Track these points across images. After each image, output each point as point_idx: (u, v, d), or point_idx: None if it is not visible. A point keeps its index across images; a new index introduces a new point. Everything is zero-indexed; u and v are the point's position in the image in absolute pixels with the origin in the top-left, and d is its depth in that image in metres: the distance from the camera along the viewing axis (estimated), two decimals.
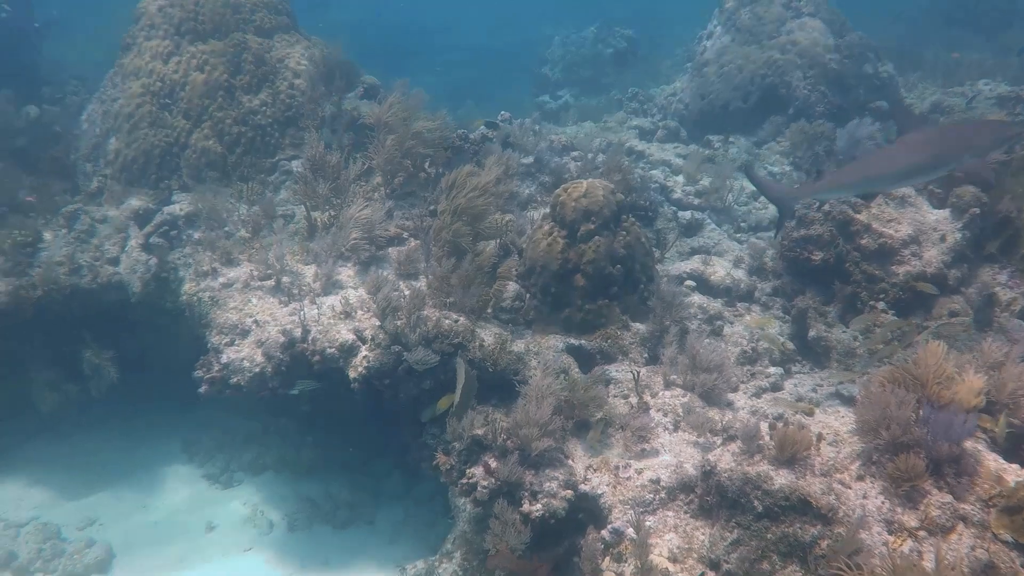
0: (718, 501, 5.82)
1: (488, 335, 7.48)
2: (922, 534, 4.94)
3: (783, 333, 8.64)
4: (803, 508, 5.31)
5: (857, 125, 10.27)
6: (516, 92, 23.70)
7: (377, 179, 9.79)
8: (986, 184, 8.15)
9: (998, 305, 7.71)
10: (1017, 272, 7.90)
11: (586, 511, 6.33)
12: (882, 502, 5.18)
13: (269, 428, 11.08)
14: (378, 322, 7.40)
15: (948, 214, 8.44)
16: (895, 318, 7.84)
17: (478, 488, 6.31)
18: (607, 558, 5.90)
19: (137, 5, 11.78)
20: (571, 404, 6.74)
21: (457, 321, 7.35)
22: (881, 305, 8.07)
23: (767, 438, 5.91)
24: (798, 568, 5.19)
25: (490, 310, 7.96)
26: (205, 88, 11.12)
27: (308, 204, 9.38)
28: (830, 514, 5.21)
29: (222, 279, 8.98)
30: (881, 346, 7.40)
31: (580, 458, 6.56)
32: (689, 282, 9.24)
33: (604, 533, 5.98)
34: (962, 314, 7.79)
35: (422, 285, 8.05)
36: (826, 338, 8.16)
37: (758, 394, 7.47)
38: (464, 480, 6.44)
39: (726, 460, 5.86)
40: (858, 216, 8.36)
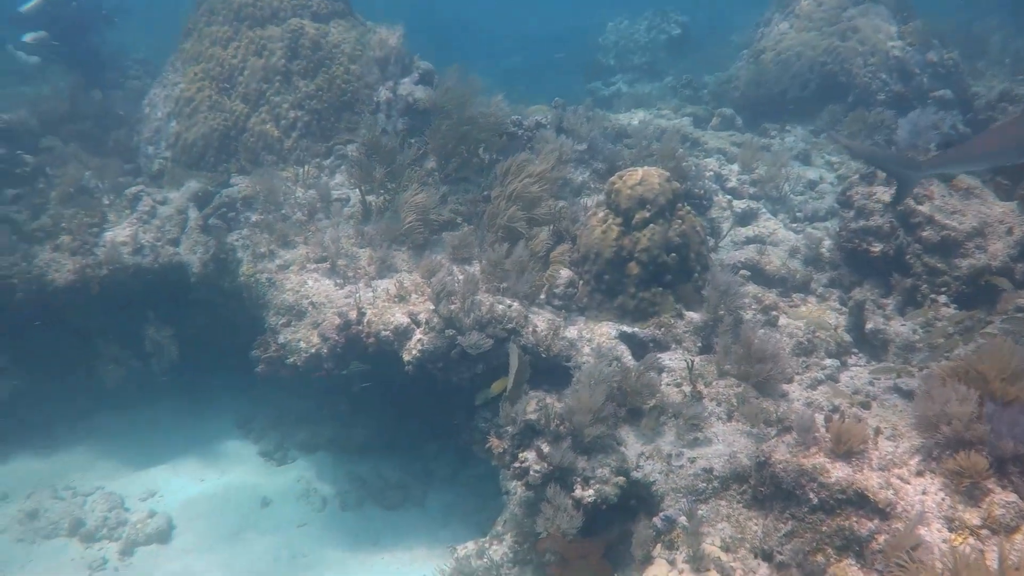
0: (772, 492, 5.78)
1: (541, 321, 7.50)
2: (984, 533, 4.84)
3: (839, 325, 8.50)
4: (860, 502, 5.25)
5: (920, 114, 10.01)
6: (567, 79, 23.58)
7: (431, 164, 9.86)
8: None
9: None
10: None
11: (638, 498, 6.33)
12: (942, 499, 5.09)
13: (322, 408, 11.26)
14: (432, 306, 7.47)
15: (1015, 206, 8.20)
16: (957, 311, 7.66)
17: (530, 472, 6.36)
18: (659, 545, 5.91)
19: None
20: (623, 391, 6.74)
21: (511, 306, 7.39)
22: (943, 299, 7.89)
23: (823, 430, 5.85)
24: (854, 562, 5.14)
25: (543, 296, 7.98)
26: (263, 73, 11.32)
27: (363, 188, 9.49)
28: (888, 509, 5.14)
29: (279, 261, 9.16)
30: (942, 340, 7.24)
31: (632, 445, 6.57)
32: (744, 271, 9.14)
33: (656, 520, 5.98)
34: None
35: (476, 270, 8.11)
36: (884, 331, 8.00)
37: (813, 386, 7.37)
38: (516, 464, 6.49)
39: (781, 451, 5.81)
40: (920, 208, 8.17)
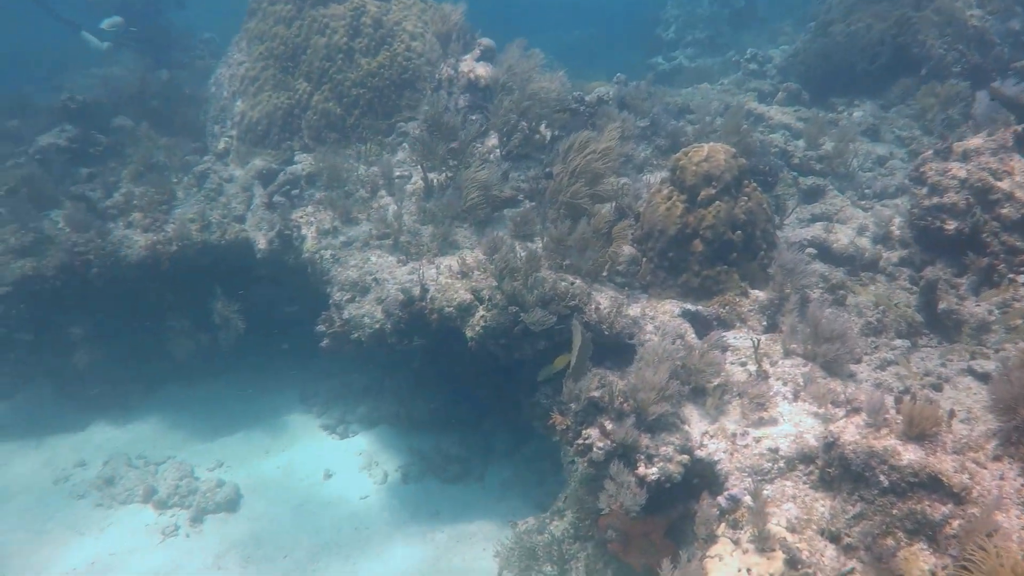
0: (840, 474, 5.68)
1: (604, 298, 7.47)
2: None
3: (910, 305, 8.28)
4: (933, 486, 5.13)
5: (999, 86, 9.62)
6: (626, 53, 23.28)
7: (492, 141, 9.85)
8: None
9: None
10: None
11: (701, 476, 6.29)
12: (1021, 484, 4.95)
13: (383, 382, 11.45)
14: (495, 283, 7.49)
15: None
16: None
17: (593, 449, 6.36)
18: (722, 524, 5.86)
19: None
20: (687, 369, 6.68)
21: (573, 283, 7.37)
22: (1022, 279, 7.61)
23: (893, 412, 5.73)
24: (925, 546, 5.04)
25: (605, 273, 7.94)
26: (326, 51, 11.41)
27: (425, 165, 9.54)
28: (963, 493, 5.02)
29: (342, 237, 9.27)
30: (1020, 321, 7.00)
31: (696, 424, 6.52)
32: (810, 249, 8.95)
33: (720, 499, 5.94)
34: None
35: (538, 247, 8.10)
36: (957, 311, 7.76)
37: (882, 367, 7.21)
38: (580, 441, 6.49)
39: (850, 432, 5.71)
40: (999, 184, 7.88)
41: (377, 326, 8.09)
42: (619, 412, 6.43)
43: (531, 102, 9.55)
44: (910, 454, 5.29)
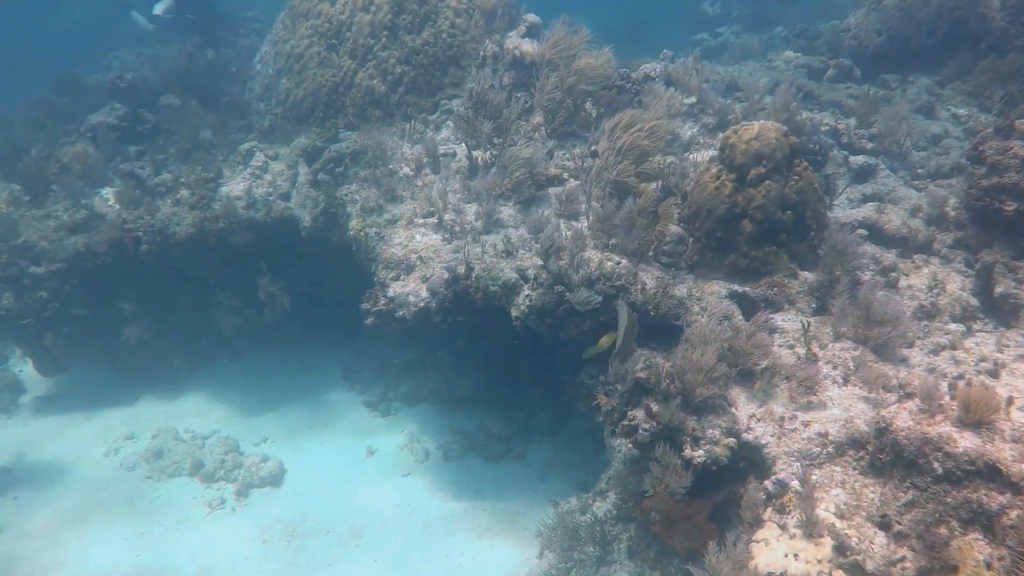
0: (892, 460, 5.57)
1: (649, 278, 7.39)
2: None
3: (965, 288, 8.06)
4: (990, 474, 5.01)
5: None
6: (670, 30, 22.91)
7: (538, 118, 9.76)
8: None
9: None
10: None
11: (748, 460, 6.22)
12: None
13: (425, 361, 11.50)
14: (540, 261, 7.45)
15: None
16: None
17: (639, 431, 6.32)
18: (769, 509, 5.80)
19: None
20: (734, 351, 6.59)
21: (619, 263, 7.30)
22: None
23: (947, 398, 5.59)
24: (981, 536, 4.93)
25: (651, 253, 7.84)
26: (370, 28, 11.38)
27: (469, 143, 9.49)
28: (1022, 483, 4.88)
29: (387, 215, 9.28)
30: None
31: (743, 406, 6.44)
32: (861, 230, 8.74)
33: (767, 484, 5.87)
34: None
35: (583, 226, 8.03)
36: (1016, 295, 7.53)
37: (935, 351, 7.04)
38: (625, 422, 6.46)
39: (903, 418, 5.59)
40: None
41: (422, 304, 8.10)
42: (665, 393, 6.38)
43: (576, 79, 9.44)
44: (966, 441, 5.16)
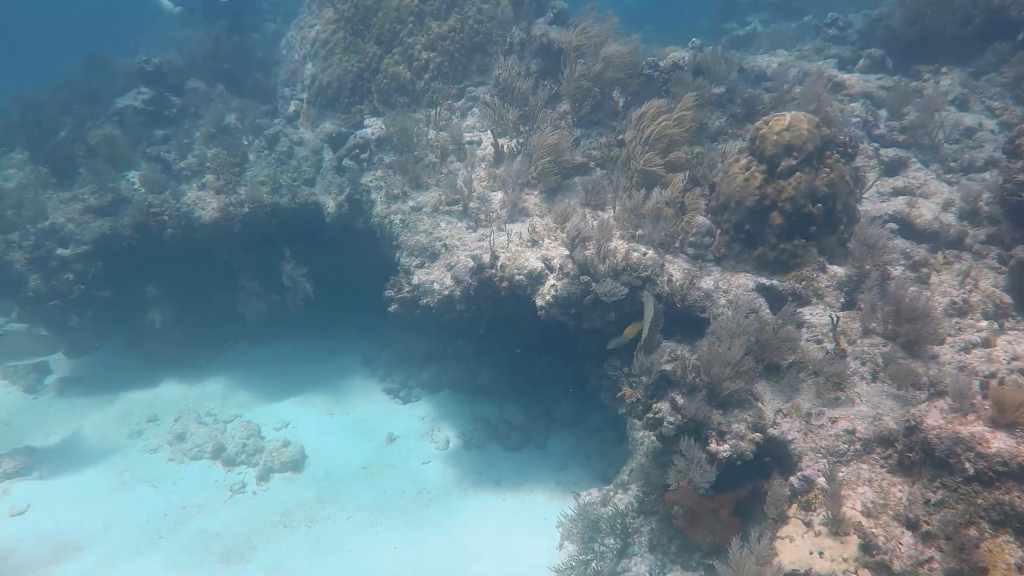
0: (921, 459, 5.48)
1: (676, 270, 7.31)
2: None
3: (998, 285, 7.92)
4: None
5: None
6: (697, 18, 22.63)
7: (564, 106, 9.67)
8: None
9: None
10: None
11: (773, 455, 6.15)
12: None
13: (447, 348, 11.49)
14: (566, 251, 7.39)
15: None
16: None
17: (664, 423, 6.27)
18: (794, 505, 5.74)
19: None
20: (761, 345, 6.51)
21: (645, 254, 7.22)
22: None
23: (979, 398, 5.49)
24: (1012, 539, 4.83)
25: (678, 244, 7.76)
26: (396, 14, 11.32)
27: (495, 130, 9.43)
28: None
29: (412, 202, 9.25)
30: None
31: (769, 401, 6.36)
32: (891, 224, 8.60)
33: (793, 480, 5.80)
34: None
35: (609, 216, 7.96)
36: None
37: (967, 349, 6.92)
38: (649, 415, 6.40)
39: (933, 416, 5.49)
40: None
41: (446, 292, 8.07)
42: (691, 387, 6.32)
43: (604, 67, 9.34)
44: (999, 442, 5.06)
